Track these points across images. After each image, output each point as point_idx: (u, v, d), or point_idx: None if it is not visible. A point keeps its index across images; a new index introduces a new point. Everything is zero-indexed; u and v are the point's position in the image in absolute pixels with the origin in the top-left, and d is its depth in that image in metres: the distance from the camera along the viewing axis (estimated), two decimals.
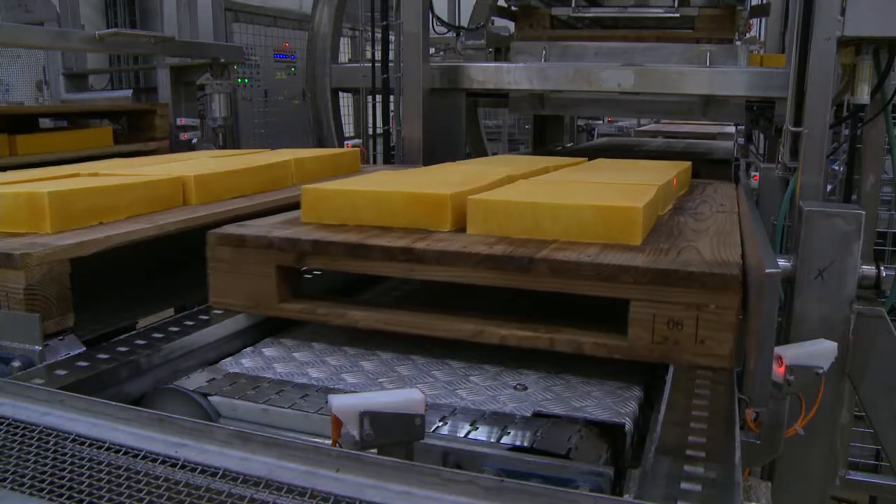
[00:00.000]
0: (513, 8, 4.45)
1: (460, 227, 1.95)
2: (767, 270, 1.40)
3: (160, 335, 1.83)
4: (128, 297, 2.25)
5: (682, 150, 5.59)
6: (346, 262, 1.83)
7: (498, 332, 1.72)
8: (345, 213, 2.02)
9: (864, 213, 2.24)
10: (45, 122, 5.23)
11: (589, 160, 3.21)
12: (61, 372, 1.59)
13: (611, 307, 1.66)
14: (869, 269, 2.36)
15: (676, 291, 1.57)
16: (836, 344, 1.62)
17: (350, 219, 2.01)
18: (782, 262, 2.31)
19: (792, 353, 1.59)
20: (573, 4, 4.21)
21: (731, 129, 7.12)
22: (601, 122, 8.81)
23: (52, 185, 2.09)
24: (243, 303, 1.94)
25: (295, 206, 2.65)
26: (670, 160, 3.22)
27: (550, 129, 5.97)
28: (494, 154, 6.48)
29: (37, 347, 1.69)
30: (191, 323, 1.93)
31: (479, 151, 6.29)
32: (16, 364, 1.66)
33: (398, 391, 1.23)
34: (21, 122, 5.01)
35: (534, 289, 1.67)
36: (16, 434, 1.21)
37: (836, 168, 3.89)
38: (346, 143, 4.05)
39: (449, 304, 1.86)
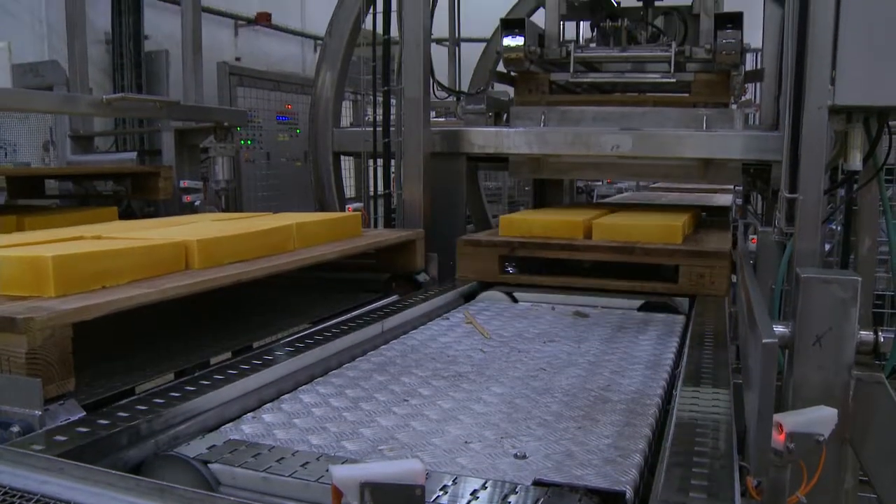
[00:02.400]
0: (512, 74, 4.53)
1: (588, 237, 3.63)
2: (765, 341, 1.42)
3: (160, 400, 1.83)
4: (128, 360, 2.25)
5: (691, 203, 5.90)
6: (537, 251, 3.58)
7: (614, 283, 3.44)
8: (525, 230, 3.69)
9: (859, 279, 2.26)
10: (50, 183, 5.30)
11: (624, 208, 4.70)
12: (61, 438, 1.59)
13: (658, 272, 3.47)
14: (867, 335, 2.37)
15: (700, 261, 3.35)
16: (836, 411, 1.63)
17: (528, 234, 3.67)
18: (781, 329, 2.32)
19: (792, 420, 1.59)
20: (571, 70, 4.28)
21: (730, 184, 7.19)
22: (600, 183, 8.90)
23: (55, 249, 2.09)
24: (477, 276, 3.58)
25: (295, 269, 2.69)
26: (684, 206, 4.90)
27: (550, 191, 6.02)
28: (494, 216, 6.53)
29: (37, 412, 1.67)
30: (191, 388, 1.94)
31: (478, 214, 6.35)
32: (15, 429, 1.64)
33: (399, 461, 1.23)
34: (27, 184, 5.08)
35: (633, 262, 3.44)
36: (13, 503, 1.21)
37: (835, 228, 3.91)
38: (347, 206, 4.09)
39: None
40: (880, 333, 2.44)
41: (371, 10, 4.22)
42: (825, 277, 2.29)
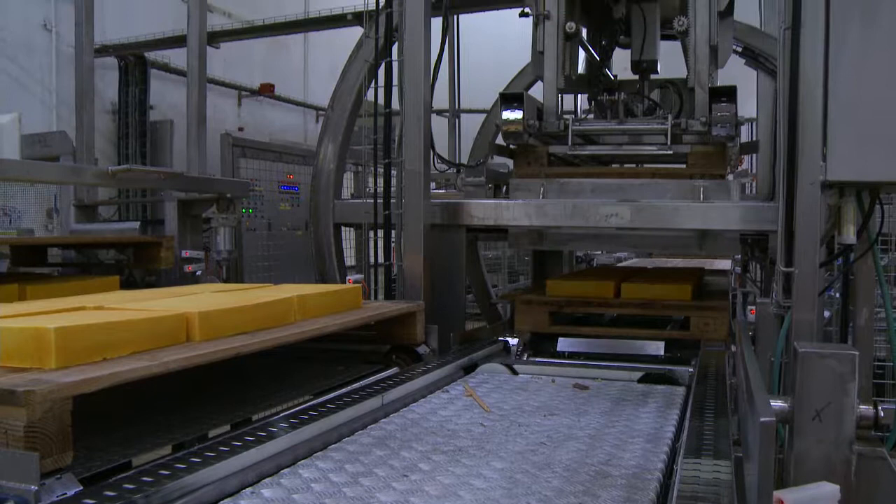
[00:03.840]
0: (511, 146, 4.60)
1: (617, 296, 4.30)
2: (762, 419, 1.42)
3: (158, 474, 1.82)
4: (126, 431, 2.24)
5: (695, 266, 6.35)
6: (580, 307, 4.34)
7: (638, 332, 4.16)
8: (567, 292, 4.36)
9: (857, 353, 2.26)
10: (52, 251, 5.34)
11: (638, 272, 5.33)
12: None
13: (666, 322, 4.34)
14: (866, 410, 2.36)
15: (706, 312, 4.09)
16: (837, 487, 1.62)
17: (570, 294, 4.32)
18: (780, 404, 2.32)
19: (793, 497, 1.59)
20: (569, 143, 4.34)
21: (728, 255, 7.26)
22: (600, 252, 8.96)
23: (57, 321, 2.08)
24: (531, 328, 4.27)
25: (297, 342, 2.68)
26: (689, 269, 5.76)
27: (550, 261, 6.06)
28: (495, 286, 6.55)
29: (33, 487, 1.66)
30: (189, 462, 1.93)
31: (478, 284, 6.37)
32: None
33: None
34: (30, 251, 5.12)
35: (655, 315, 4.30)
36: None
37: (833, 294, 3.93)
38: (347, 278, 4.12)
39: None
40: (880, 407, 2.43)
41: (373, 84, 4.31)
42: (822, 352, 2.29)
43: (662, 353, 4.07)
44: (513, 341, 4.24)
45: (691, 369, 3.44)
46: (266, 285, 3.44)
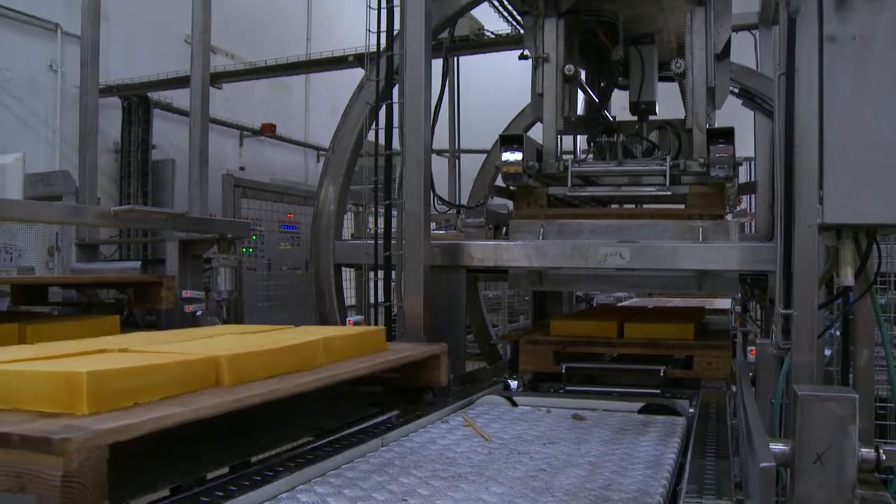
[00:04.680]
0: (511, 188, 4.63)
1: (620, 336, 4.37)
2: (762, 465, 1.42)
3: None
4: (120, 474, 2.22)
5: (696, 305, 6.39)
6: (584, 347, 4.30)
7: (640, 367, 4.21)
8: (571, 332, 4.42)
9: (857, 396, 2.26)
10: (53, 289, 5.35)
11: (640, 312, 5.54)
12: None
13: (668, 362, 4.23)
14: (868, 453, 2.35)
15: (709, 351, 4.12)
16: None
17: (574, 334, 4.37)
18: (780, 447, 2.31)
19: None
20: (569, 184, 4.37)
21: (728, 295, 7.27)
22: (599, 292, 8.96)
23: (88, 364, 2.01)
24: (535, 368, 4.31)
25: (327, 387, 2.66)
26: (691, 308, 5.84)
27: (550, 301, 6.07)
28: (495, 326, 6.55)
29: None
30: None
31: (478, 324, 6.37)
32: None
33: None
34: (30, 290, 5.13)
35: (658, 354, 4.23)
36: None
37: (835, 333, 3.93)
38: (348, 318, 4.12)
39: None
40: (882, 450, 2.42)
41: (374, 125, 4.35)
42: (822, 395, 2.29)
43: (664, 389, 4.07)
44: (513, 383, 4.23)
45: (691, 401, 3.47)
46: (286, 327, 3.38)
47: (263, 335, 3.02)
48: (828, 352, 3.94)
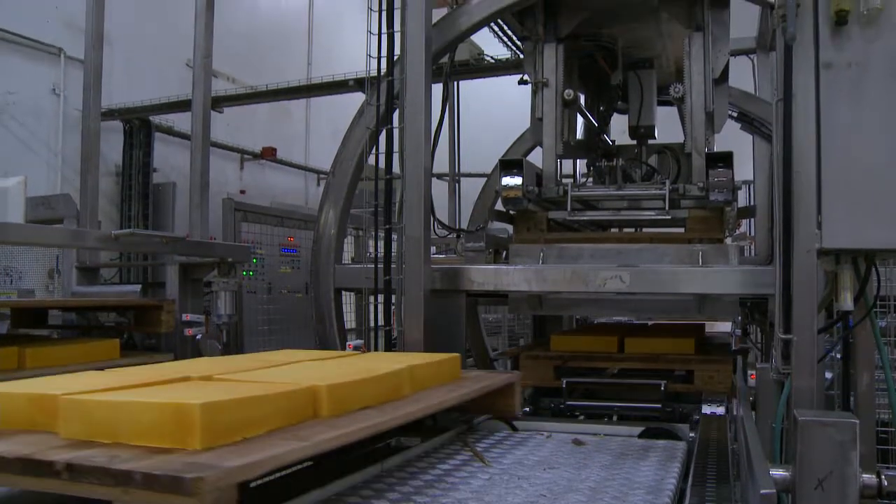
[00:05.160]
0: (511, 212, 4.64)
1: (620, 351, 4.45)
2: (762, 492, 1.42)
3: None
4: None
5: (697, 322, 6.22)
6: (584, 361, 4.39)
7: (641, 382, 4.21)
8: (572, 346, 4.45)
9: (857, 422, 2.26)
10: (53, 311, 5.35)
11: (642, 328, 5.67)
12: None
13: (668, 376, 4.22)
14: (869, 478, 2.35)
15: (710, 366, 4.14)
16: None
17: (574, 349, 4.44)
18: (781, 473, 2.31)
19: None
20: (568, 208, 4.39)
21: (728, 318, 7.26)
22: (599, 315, 8.93)
23: (195, 394, 1.89)
24: (535, 383, 4.33)
25: (424, 416, 2.63)
26: (692, 324, 5.64)
27: (550, 323, 6.06)
28: (495, 350, 6.55)
29: None
30: None
31: (478, 348, 6.36)
32: None
33: None
34: (30, 313, 5.14)
35: (659, 368, 4.25)
36: None
37: (835, 356, 3.92)
38: (347, 343, 4.12)
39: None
40: (883, 476, 2.42)
41: (374, 150, 4.37)
42: (823, 420, 2.29)
43: (664, 403, 4.14)
44: None
45: (692, 426, 3.46)
46: (353, 353, 3.27)
47: (344, 362, 2.91)
48: (829, 375, 3.93)
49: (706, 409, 3.87)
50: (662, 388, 4.12)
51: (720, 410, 3.83)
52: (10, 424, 1.98)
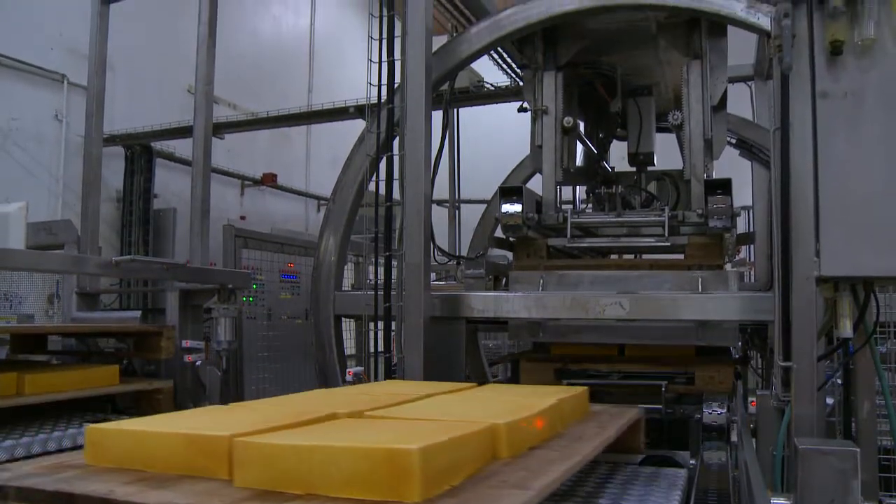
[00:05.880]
0: (510, 239, 4.65)
1: (621, 354, 4.50)
2: None
3: None
4: None
5: None
6: (586, 364, 4.42)
7: (642, 383, 4.25)
8: (572, 350, 4.45)
9: (857, 450, 2.26)
10: (52, 337, 5.34)
11: None
12: None
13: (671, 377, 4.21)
14: None
15: (711, 367, 4.18)
16: None
17: (575, 352, 4.41)
18: (782, 502, 2.30)
19: None
20: (568, 235, 4.40)
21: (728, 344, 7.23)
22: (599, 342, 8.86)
23: (404, 437, 1.70)
24: (535, 383, 4.18)
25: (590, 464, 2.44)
26: None
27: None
28: (495, 377, 6.53)
29: None
30: None
31: (478, 374, 6.34)
32: None
33: None
34: (30, 338, 5.13)
35: (659, 370, 4.25)
36: None
37: (837, 382, 3.91)
38: (347, 369, 4.11)
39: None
40: None
41: (374, 176, 4.39)
42: (823, 449, 2.29)
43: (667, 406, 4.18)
44: None
45: (693, 452, 3.44)
46: (469, 385, 3.10)
47: (470, 395, 2.75)
48: (830, 401, 3.92)
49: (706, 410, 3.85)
50: (664, 389, 4.13)
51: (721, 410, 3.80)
52: (161, 468, 1.80)
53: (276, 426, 1.90)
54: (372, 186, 4.36)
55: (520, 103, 5.17)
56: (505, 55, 5.97)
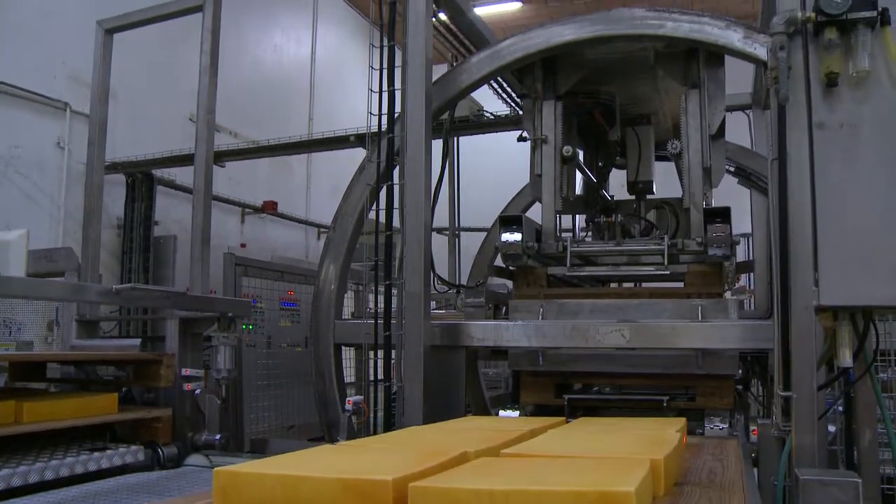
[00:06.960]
0: (510, 268, 4.66)
1: None
2: None
3: None
4: None
5: None
6: (587, 379, 4.60)
7: (643, 398, 4.36)
8: (572, 366, 4.36)
9: (859, 481, 2.25)
10: (51, 364, 5.32)
11: None
12: None
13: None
14: None
15: (711, 381, 4.20)
16: None
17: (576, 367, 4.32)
18: None
19: None
20: (568, 264, 4.41)
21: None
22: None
23: (604, 478, 1.68)
24: (536, 401, 4.40)
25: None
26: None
27: None
28: (494, 407, 6.50)
29: None
30: None
31: (478, 403, 6.32)
32: None
33: None
34: (29, 366, 5.11)
35: (662, 386, 4.37)
36: None
37: (839, 410, 3.90)
38: (347, 398, 4.10)
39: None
40: None
41: (374, 205, 4.40)
42: (824, 480, 2.28)
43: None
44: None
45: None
46: (560, 420, 3.10)
47: (581, 428, 2.78)
48: (832, 428, 3.91)
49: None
50: (665, 404, 4.14)
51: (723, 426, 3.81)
52: None
53: (426, 468, 1.80)
54: (372, 215, 4.37)
55: (519, 132, 5.20)
56: (505, 84, 6.01)
